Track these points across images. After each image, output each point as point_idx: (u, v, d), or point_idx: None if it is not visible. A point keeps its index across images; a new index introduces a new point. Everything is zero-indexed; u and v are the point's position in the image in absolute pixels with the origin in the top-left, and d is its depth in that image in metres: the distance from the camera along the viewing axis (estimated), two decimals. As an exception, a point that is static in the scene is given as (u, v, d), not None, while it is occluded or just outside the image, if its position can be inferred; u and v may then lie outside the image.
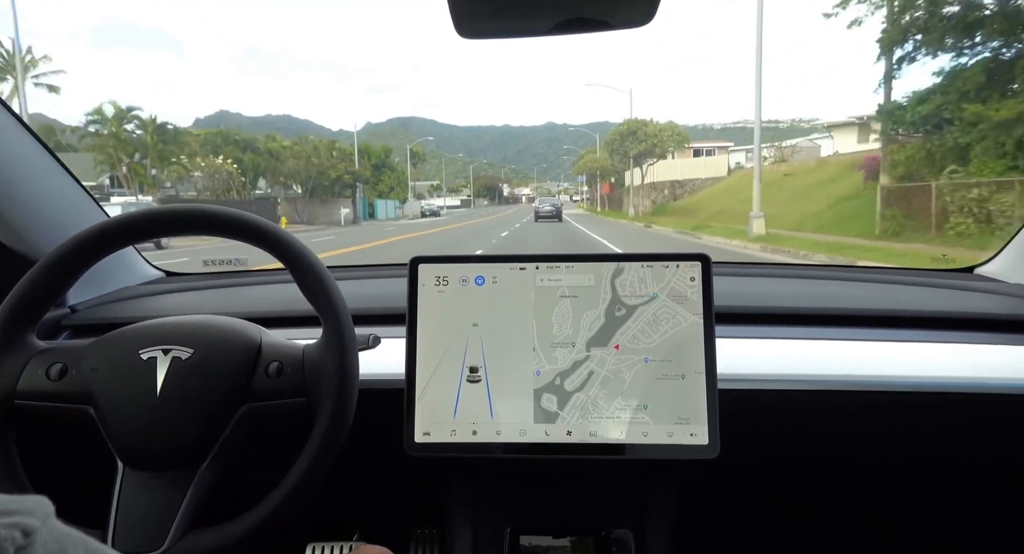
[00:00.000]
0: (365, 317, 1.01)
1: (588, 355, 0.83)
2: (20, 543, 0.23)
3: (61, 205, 1.12)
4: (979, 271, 1.27)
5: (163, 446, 0.73)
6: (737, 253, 12.85)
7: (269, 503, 0.73)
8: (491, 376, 0.84)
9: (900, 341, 1.00)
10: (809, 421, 0.97)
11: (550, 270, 0.86)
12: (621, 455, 0.82)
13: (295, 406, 0.75)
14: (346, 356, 0.75)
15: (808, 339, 1.01)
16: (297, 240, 0.78)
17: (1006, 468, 1.04)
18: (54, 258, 0.76)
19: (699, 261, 0.84)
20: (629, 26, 0.72)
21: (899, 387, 0.92)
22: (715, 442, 0.81)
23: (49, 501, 0.26)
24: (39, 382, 0.74)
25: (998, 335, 1.01)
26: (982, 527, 1.18)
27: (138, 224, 0.78)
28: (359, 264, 1.44)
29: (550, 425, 0.83)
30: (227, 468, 0.76)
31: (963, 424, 0.97)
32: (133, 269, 1.33)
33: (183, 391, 0.73)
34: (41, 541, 0.24)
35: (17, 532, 0.24)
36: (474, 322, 0.85)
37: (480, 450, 0.83)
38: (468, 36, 0.73)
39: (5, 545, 0.23)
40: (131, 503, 0.72)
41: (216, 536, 0.72)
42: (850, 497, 1.17)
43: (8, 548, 0.23)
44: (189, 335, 0.77)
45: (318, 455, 0.73)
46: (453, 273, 0.86)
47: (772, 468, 1.08)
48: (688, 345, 0.83)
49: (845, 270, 1.39)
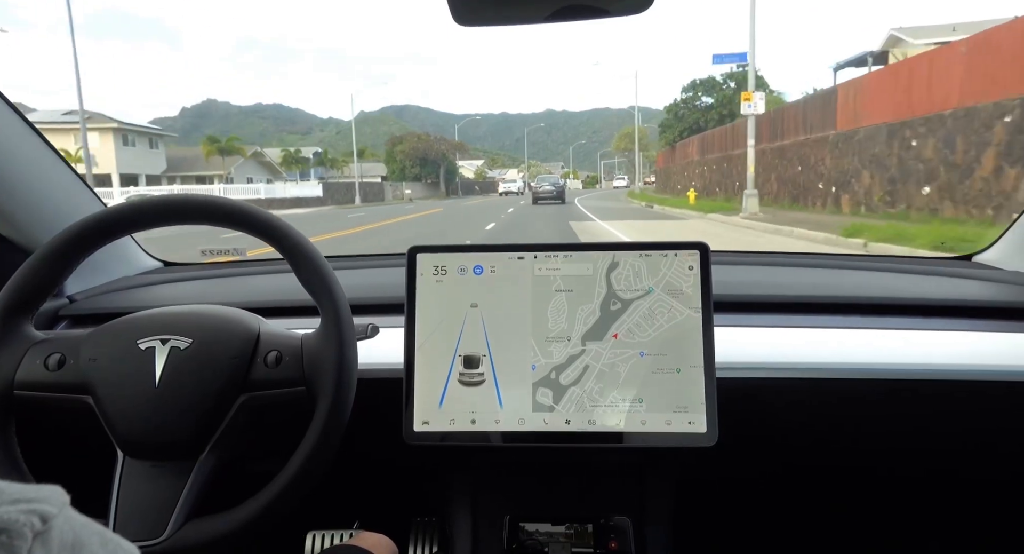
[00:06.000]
0: (363, 307, 1.01)
1: (583, 349, 0.84)
2: (38, 528, 0.24)
3: (58, 195, 1.11)
4: (977, 259, 1.27)
5: (162, 436, 0.73)
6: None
7: (269, 492, 0.73)
8: (490, 365, 0.84)
9: (897, 329, 1.00)
10: (806, 409, 0.98)
11: (548, 259, 0.86)
12: (619, 443, 0.82)
13: (294, 395, 0.75)
14: (345, 346, 0.75)
15: (806, 327, 1.01)
16: (295, 230, 0.78)
17: (1002, 455, 1.05)
18: (51, 248, 0.76)
19: (697, 249, 0.84)
20: (626, 13, 0.72)
21: (896, 374, 0.92)
22: (713, 430, 0.81)
23: (64, 491, 0.27)
24: (37, 372, 0.74)
25: (995, 322, 1.02)
26: (978, 514, 1.19)
27: (135, 214, 0.78)
28: (357, 254, 1.44)
29: (548, 414, 0.83)
30: (227, 457, 0.77)
31: (960, 411, 0.97)
32: (131, 259, 1.33)
33: (182, 381, 0.74)
34: (58, 527, 0.25)
35: (36, 518, 0.24)
36: (472, 308, 0.85)
37: (479, 439, 0.84)
38: (465, 23, 0.73)
39: (24, 530, 0.24)
40: (131, 492, 0.73)
41: (216, 525, 0.72)
42: (847, 485, 1.18)
43: (27, 533, 0.24)
44: (188, 325, 0.77)
45: (317, 444, 0.73)
46: (451, 262, 0.86)
47: (769, 456, 1.09)
48: (683, 339, 0.83)
49: (842, 258, 1.39)
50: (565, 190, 29.62)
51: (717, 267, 0.86)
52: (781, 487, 1.19)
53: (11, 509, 0.24)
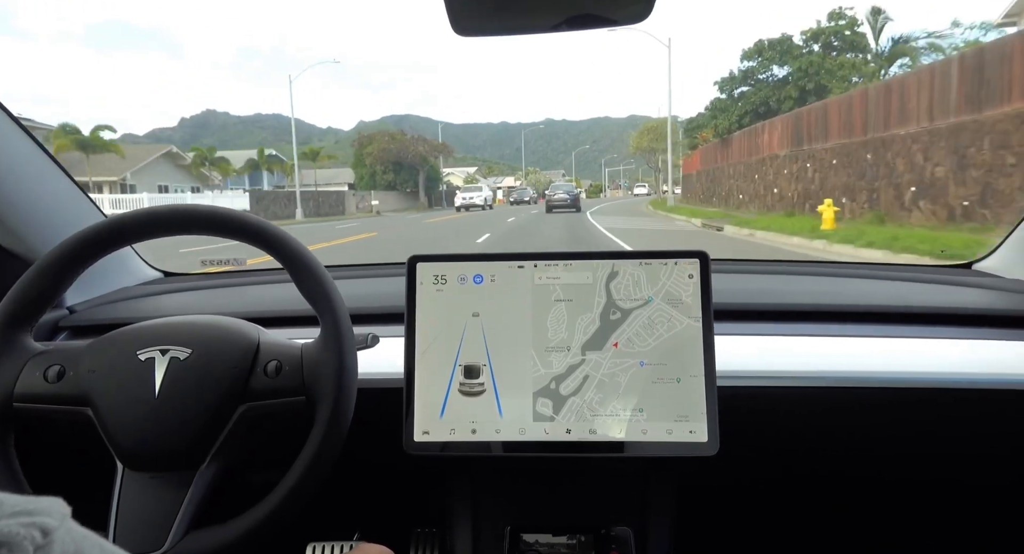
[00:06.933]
0: (363, 316, 1.01)
1: (583, 359, 0.83)
2: (39, 542, 0.24)
3: (58, 206, 1.12)
4: (977, 266, 1.27)
5: (162, 447, 0.73)
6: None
7: (269, 503, 0.73)
8: (490, 375, 0.84)
9: (897, 337, 1.00)
10: (807, 417, 0.97)
11: (548, 268, 0.86)
12: (620, 453, 0.82)
13: (294, 405, 0.75)
14: (345, 355, 0.75)
15: (805, 335, 1.01)
16: (295, 239, 0.78)
17: (1003, 463, 1.04)
18: (51, 259, 0.76)
19: (697, 258, 0.84)
20: (627, 22, 0.72)
21: (896, 383, 0.92)
22: (715, 439, 0.81)
23: (65, 503, 0.27)
24: (37, 384, 0.74)
25: (995, 331, 1.01)
26: (978, 522, 1.18)
27: (135, 224, 0.78)
28: (357, 263, 1.44)
29: (549, 423, 0.83)
30: (227, 468, 0.76)
31: (960, 419, 0.97)
32: (131, 269, 1.33)
33: (182, 391, 0.73)
34: (59, 540, 0.25)
35: (36, 531, 0.24)
36: (473, 317, 0.85)
37: (479, 449, 0.83)
38: (465, 34, 0.73)
39: (25, 543, 0.23)
40: (131, 504, 0.73)
41: (217, 536, 0.72)
42: (848, 493, 1.17)
43: (28, 546, 0.23)
44: (187, 335, 0.77)
45: (317, 454, 0.73)
46: (451, 271, 0.86)
47: (771, 465, 1.08)
48: (683, 349, 0.83)
49: (842, 266, 1.39)
50: (580, 198, 27.89)
51: (717, 275, 0.86)
52: (783, 495, 1.19)
53: (12, 522, 0.24)
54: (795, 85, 26.72)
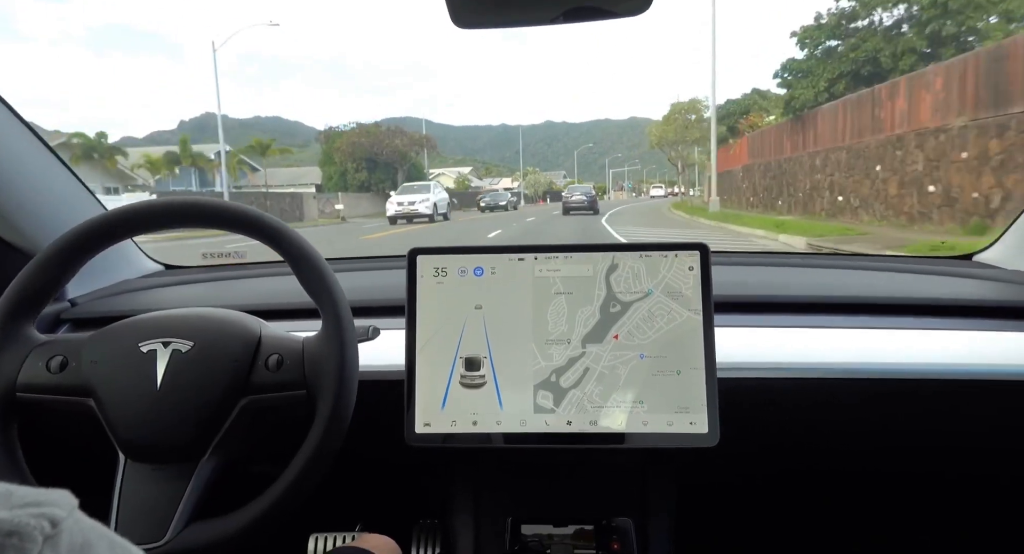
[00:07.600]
0: (364, 309, 1.01)
1: (584, 352, 0.84)
2: (48, 532, 0.24)
3: (59, 199, 1.12)
4: (977, 258, 1.27)
5: (164, 438, 0.73)
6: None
7: (271, 495, 0.73)
8: (490, 367, 0.84)
9: (898, 328, 1.00)
10: (807, 409, 0.97)
11: (548, 261, 0.86)
12: (621, 444, 0.82)
13: (295, 399, 0.75)
14: (346, 348, 0.75)
15: (806, 327, 1.01)
16: (296, 233, 0.78)
17: (1003, 454, 1.05)
18: (53, 251, 0.76)
19: (697, 250, 0.85)
20: (626, 14, 0.72)
21: (897, 374, 0.92)
22: (715, 431, 0.81)
23: (72, 494, 0.27)
24: (39, 375, 0.74)
25: (996, 322, 1.01)
26: (981, 515, 1.19)
27: (136, 217, 0.78)
28: (358, 256, 1.44)
29: (550, 415, 0.83)
30: (228, 460, 0.77)
31: (960, 411, 0.97)
32: (132, 262, 1.33)
33: (183, 384, 0.74)
34: (67, 531, 0.25)
35: (45, 522, 0.24)
36: (474, 310, 0.86)
37: (480, 440, 0.83)
38: (464, 26, 0.73)
39: (34, 533, 0.24)
40: (133, 495, 0.73)
41: (218, 528, 0.72)
42: (848, 486, 1.18)
43: (37, 537, 0.24)
44: (189, 328, 0.77)
45: (319, 447, 0.73)
46: (452, 264, 0.87)
47: (771, 456, 1.08)
48: (683, 341, 0.83)
49: (842, 258, 1.40)
50: (596, 200, 26.11)
51: (717, 268, 0.86)
52: (783, 487, 1.19)
53: (21, 513, 0.24)
54: (918, 32, 16.59)
